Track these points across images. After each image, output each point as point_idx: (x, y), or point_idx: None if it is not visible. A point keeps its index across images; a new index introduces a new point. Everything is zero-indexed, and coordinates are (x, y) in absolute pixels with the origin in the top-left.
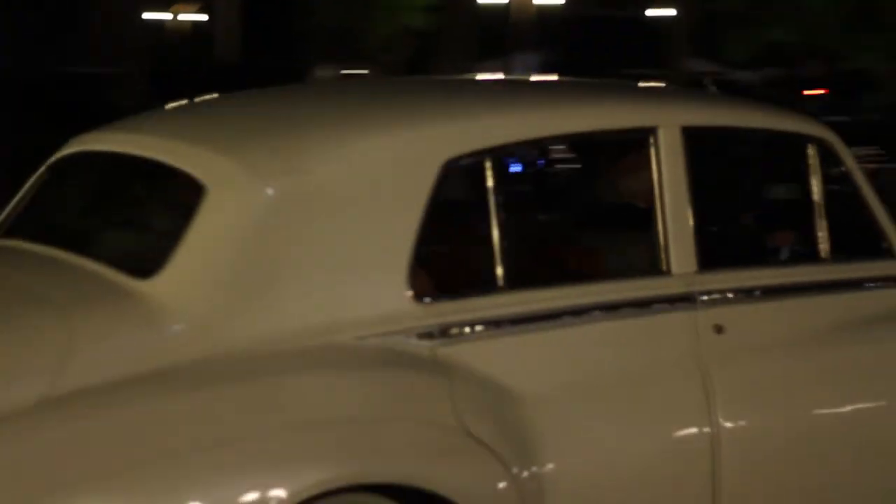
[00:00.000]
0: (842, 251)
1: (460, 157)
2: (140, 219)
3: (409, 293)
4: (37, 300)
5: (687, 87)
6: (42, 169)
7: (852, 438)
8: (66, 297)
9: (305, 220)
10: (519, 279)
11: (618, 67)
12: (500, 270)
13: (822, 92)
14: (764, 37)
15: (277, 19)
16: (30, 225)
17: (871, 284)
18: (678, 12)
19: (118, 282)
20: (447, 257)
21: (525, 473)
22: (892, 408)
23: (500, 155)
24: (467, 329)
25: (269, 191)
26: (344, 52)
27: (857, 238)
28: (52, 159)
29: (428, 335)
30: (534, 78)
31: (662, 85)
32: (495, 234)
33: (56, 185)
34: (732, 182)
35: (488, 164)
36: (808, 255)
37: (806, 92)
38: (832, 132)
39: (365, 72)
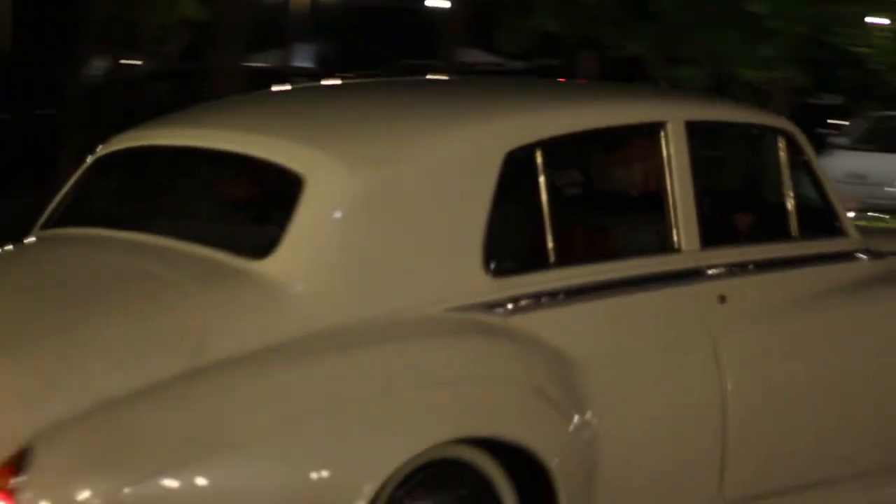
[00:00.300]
0: (807, 230)
1: (519, 149)
2: (231, 206)
3: (484, 270)
4: (159, 281)
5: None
6: (89, 163)
7: (835, 391)
8: (187, 277)
9: (396, 207)
10: (567, 256)
11: (395, 58)
12: (552, 248)
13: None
14: (537, 27)
15: (50, 7)
16: (105, 214)
17: (831, 259)
18: (453, 3)
19: (232, 263)
20: (510, 237)
21: (581, 426)
22: (863, 364)
23: (550, 146)
24: (531, 301)
25: (363, 181)
26: (118, 41)
27: (817, 219)
28: (101, 154)
29: (500, 307)
30: (551, 80)
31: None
32: (547, 216)
33: (118, 178)
34: (718, 170)
35: (540, 155)
36: (782, 233)
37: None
38: (796, 126)
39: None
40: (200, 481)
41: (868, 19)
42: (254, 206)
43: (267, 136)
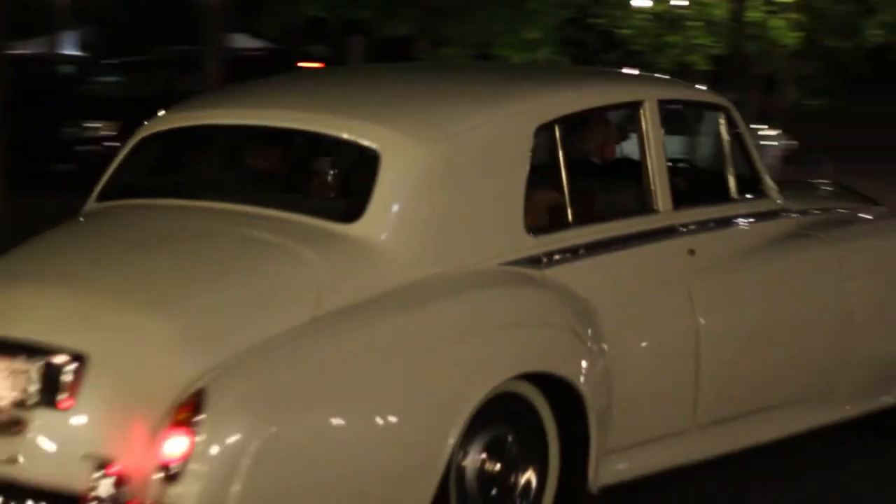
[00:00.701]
0: (742, 193)
1: (544, 125)
2: (309, 178)
3: (525, 229)
4: (267, 244)
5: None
6: (136, 140)
7: (777, 327)
8: (291, 240)
9: (456, 176)
10: (580, 217)
11: (161, 43)
12: (571, 210)
13: (319, 65)
14: (299, 12)
15: None
16: (179, 186)
17: (764, 217)
18: None
19: (325, 227)
20: (541, 200)
21: (600, 358)
22: (796, 302)
23: (565, 122)
24: (559, 255)
25: (430, 154)
26: None
27: (746, 183)
28: (150, 132)
29: (538, 261)
30: (547, 66)
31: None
32: (566, 182)
33: (175, 154)
34: (672, 141)
35: (558, 130)
36: (724, 196)
37: (301, 64)
38: (732, 103)
39: None
40: (336, 420)
41: (633, 2)
42: (333, 178)
43: (338, 115)
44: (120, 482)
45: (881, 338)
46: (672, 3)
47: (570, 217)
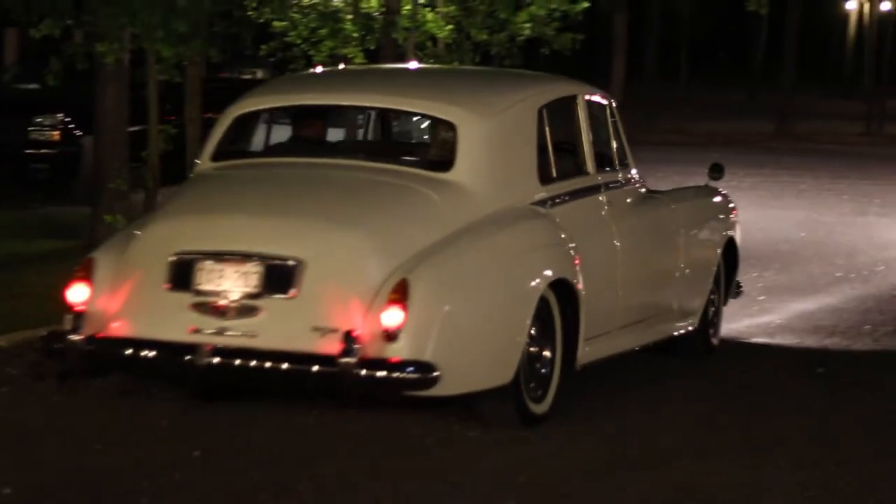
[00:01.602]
0: (621, 164)
1: (543, 105)
2: (404, 139)
3: (539, 180)
4: (396, 185)
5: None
6: (231, 116)
7: (653, 254)
8: (411, 182)
9: (504, 140)
10: (560, 175)
11: None
12: (556, 169)
13: None
14: None
15: None
16: (292, 148)
17: (632, 182)
18: None
19: (429, 175)
20: (541, 159)
21: (583, 270)
22: (660, 239)
23: (551, 106)
24: (553, 200)
25: (488, 124)
26: None
27: (617, 157)
28: (243, 111)
29: (544, 203)
30: (516, 70)
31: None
32: (551, 148)
33: (291, 125)
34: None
35: (547, 111)
36: (613, 166)
37: None
38: (611, 97)
39: None
40: (482, 292)
41: None
42: (427, 142)
43: (421, 98)
44: (348, 341)
45: (693, 270)
46: None
47: (554, 174)
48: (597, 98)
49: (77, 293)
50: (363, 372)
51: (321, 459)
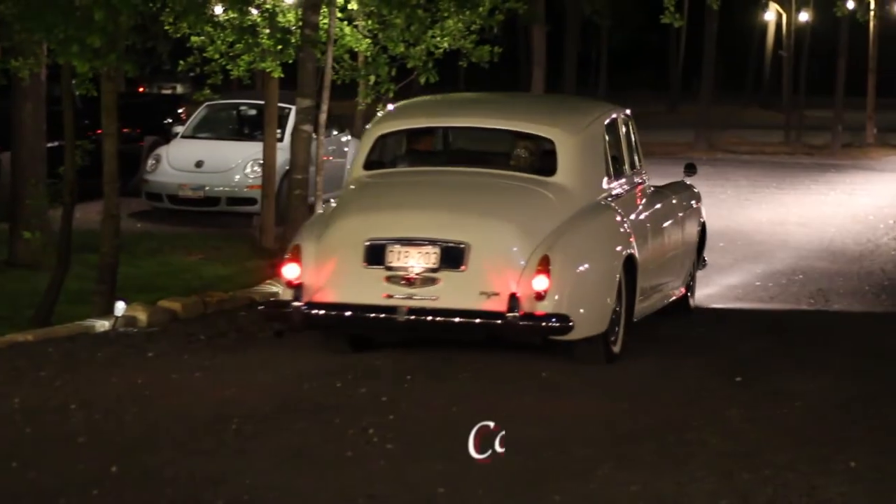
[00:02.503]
0: (638, 166)
1: (607, 123)
2: (514, 153)
3: (607, 179)
4: (520, 186)
5: None
6: (375, 135)
7: (676, 238)
8: (530, 184)
9: (588, 151)
10: (615, 175)
11: None
12: (613, 172)
13: None
14: None
15: None
16: (427, 159)
17: (644, 180)
18: None
19: (540, 179)
20: (608, 165)
21: (638, 246)
22: (672, 228)
23: (610, 123)
24: (613, 196)
25: (577, 140)
26: None
27: (638, 160)
28: (385, 131)
29: (609, 197)
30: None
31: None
32: (610, 157)
33: (421, 142)
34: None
35: (608, 127)
36: (635, 168)
37: None
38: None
39: None
40: (595, 262)
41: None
42: (532, 153)
43: (526, 120)
44: (513, 301)
45: (685, 246)
46: (250, 11)
47: (613, 175)
48: (626, 115)
49: (291, 271)
50: (522, 323)
51: (233, 477)
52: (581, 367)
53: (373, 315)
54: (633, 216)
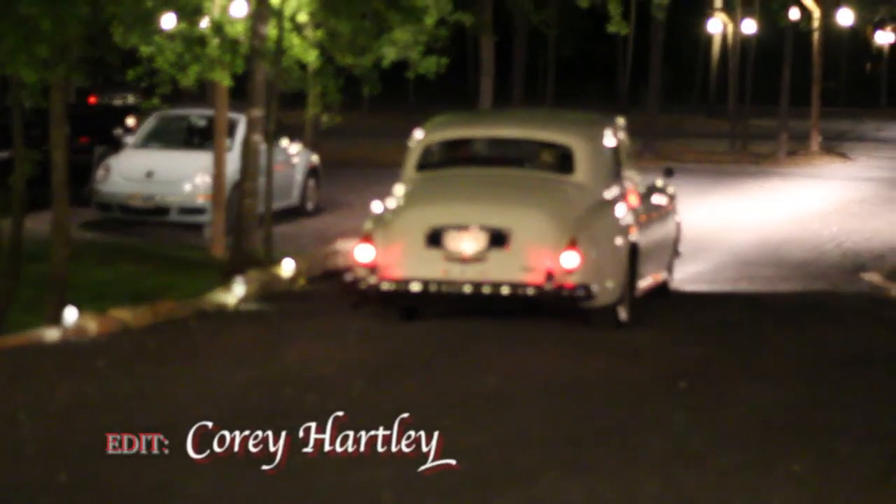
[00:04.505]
0: (631, 166)
1: (612, 131)
2: (538, 157)
3: (614, 176)
4: (549, 181)
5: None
6: (424, 143)
7: (662, 230)
8: (556, 181)
9: (600, 155)
10: (618, 175)
11: None
12: (616, 172)
13: None
14: None
15: None
16: (468, 162)
17: (635, 179)
18: None
19: (561, 177)
20: (613, 167)
21: (641, 234)
22: (666, 221)
23: (613, 131)
24: (621, 190)
25: (591, 145)
26: None
27: (631, 161)
28: (432, 140)
29: (616, 193)
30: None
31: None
32: (614, 159)
33: (461, 148)
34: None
35: (612, 134)
36: (630, 168)
37: None
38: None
39: None
40: (612, 240)
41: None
42: (554, 156)
43: (549, 130)
44: (549, 275)
45: (670, 236)
46: (198, 22)
47: (616, 175)
48: (622, 125)
49: (365, 253)
50: (555, 293)
51: (180, 485)
52: (533, 371)
53: (434, 288)
54: (634, 210)
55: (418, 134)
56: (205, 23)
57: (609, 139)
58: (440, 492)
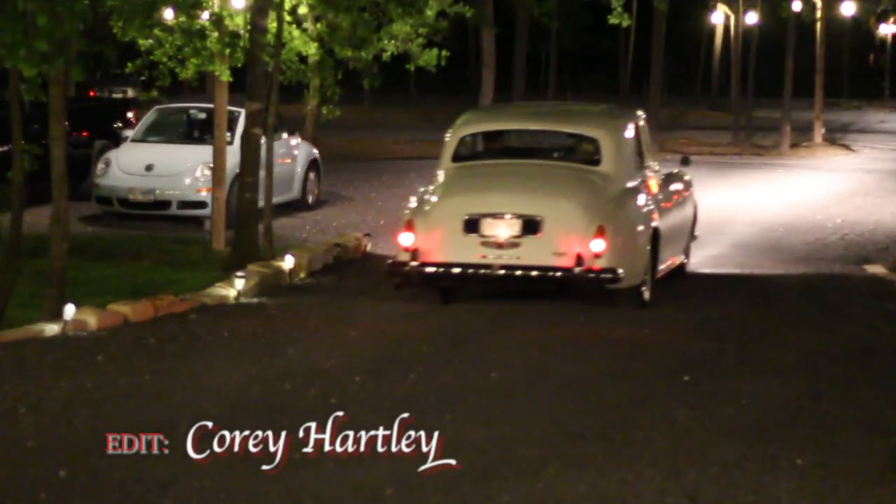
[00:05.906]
0: (651, 156)
1: (635, 124)
2: (566, 148)
3: (638, 166)
4: (576, 172)
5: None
6: (458, 136)
7: (681, 215)
8: (582, 171)
9: (624, 145)
10: (640, 165)
11: None
12: (641, 160)
13: None
14: None
15: None
16: (501, 153)
17: (655, 168)
18: None
19: (589, 168)
20: (637, 157)
21: (660, 218)
22: (684, 206)
23: (636, 123)
24: (643, 179)
25: (615, 137)
26: None
27: (651, 152)
28: (465, 133)
29: (639, 182)
30: (610, 104)
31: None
32: (636, 150)
33: (494, 140)
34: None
35: (635, 126)
36: (650, 158)
37: None
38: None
39: None
40: (634, 227)
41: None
42: (581, 148)
43: (577, 124)
44: (578, 259)
45: (689, 221)
46: (198, 15)
47: (640, 165)
48: (644, 118)
49: (407, 239)
50: (585, 276)
51: (182, 481)
52: (534, 366)
53: (472, 271)
54: (655, 198)
55: (455, 127)
56: (205, 16)
57: (632, 131)
58: (441, 488)
